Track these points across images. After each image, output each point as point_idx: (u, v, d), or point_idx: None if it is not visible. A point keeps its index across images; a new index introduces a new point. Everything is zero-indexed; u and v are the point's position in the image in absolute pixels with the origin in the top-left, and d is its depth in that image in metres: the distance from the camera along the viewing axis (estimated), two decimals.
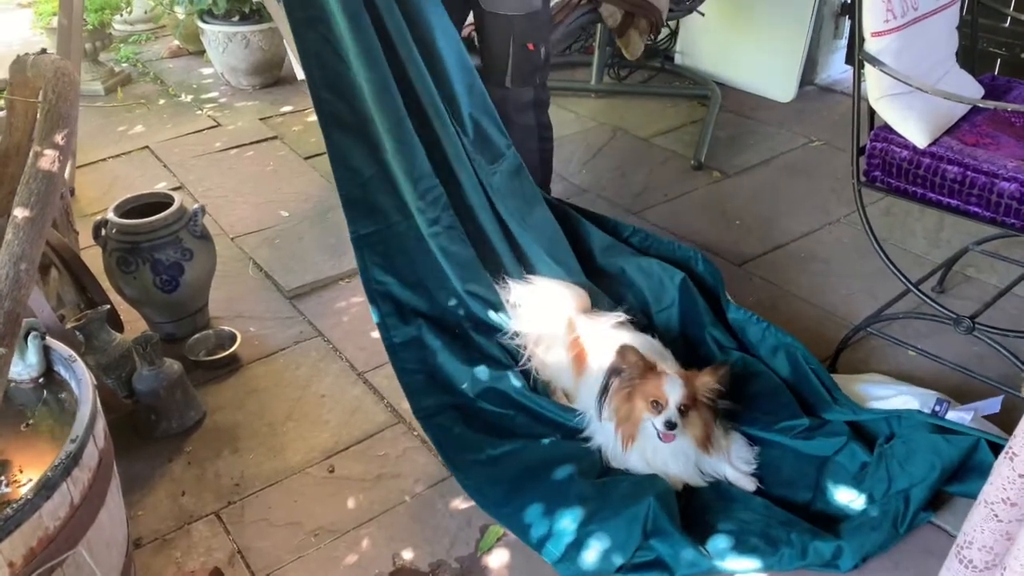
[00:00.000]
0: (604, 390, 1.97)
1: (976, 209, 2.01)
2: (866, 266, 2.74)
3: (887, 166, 2.12)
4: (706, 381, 1.92)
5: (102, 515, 1.48)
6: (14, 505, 1.30)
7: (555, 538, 1.84)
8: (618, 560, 1.78)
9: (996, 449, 1.88)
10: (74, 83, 1.73)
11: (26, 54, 1.90)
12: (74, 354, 1.65)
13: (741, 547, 1.79)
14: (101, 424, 1.56)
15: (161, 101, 4.26)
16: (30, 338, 1.64)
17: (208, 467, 2.12)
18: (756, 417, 2.09)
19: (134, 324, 2.52)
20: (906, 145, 2.07)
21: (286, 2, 2.15)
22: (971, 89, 2.28)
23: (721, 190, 3.33)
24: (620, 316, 2.23)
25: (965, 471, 1.91)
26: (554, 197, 2.70)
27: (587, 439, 2.06)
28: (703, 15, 3.92)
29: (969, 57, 2.44)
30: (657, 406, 1.89)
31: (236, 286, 2.80)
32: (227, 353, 2.46)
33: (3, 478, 1.49)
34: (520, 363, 2.27)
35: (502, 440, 2.08)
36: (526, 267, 2.43)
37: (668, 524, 1.79)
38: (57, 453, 1.39)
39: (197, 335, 2.52)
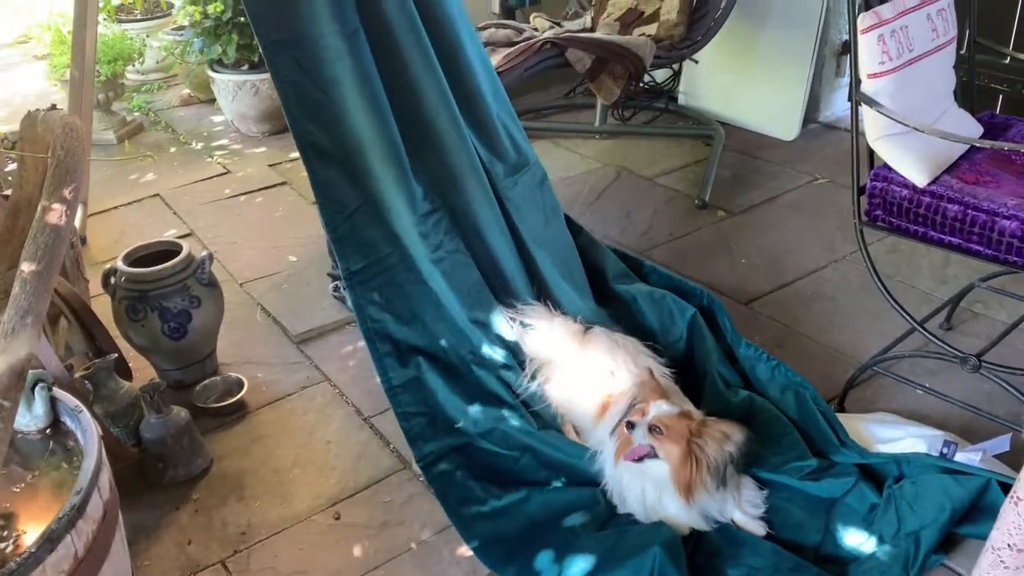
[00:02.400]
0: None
1: (978, 247, 2.01)
2: (873, 304, 2.73)
3: (888, 205, 2.12)
4: (710, 432, 1.88)
5: (106, 568, 1.48)
6: (18, 559, 1.30)
7: None
8: None
9: (1007, 489, 1.85)
10: (82, 138, 1.76)
11: (37, 110, 1.94)
12: (80, 404, 1.67)
13: None
14: (106, 475, 1.57)
15: (172, 149, 4.32)
16: (37, 389, 1.65)
17: (215, 515, 2.12)
18: (764, 457, 2.07)
19: (142, 371, 2.54)
20: (906, 184, 2.08)
21: (255, 26, 2.06)
22: (969, 128, 2.29)
23: (726, 229, 3.34)
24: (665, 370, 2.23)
25: (977, 512, 1.89)
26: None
27: (597, 480, 2.05)
28: (696, 62, 3.94)
29: (968, 95, 2.45)
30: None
31: (244, 332, 2.82)
32: (234, 400, 2.46)
33: (8, 532, 1.49)
34: (522, 397, 2.23)
35: (506, 489, 2.06)
36: (539, 287, 2.42)
37: (675, 574, 1.77)
38: (62, 505, 1.40)
39: (205, 382, 2.53)
